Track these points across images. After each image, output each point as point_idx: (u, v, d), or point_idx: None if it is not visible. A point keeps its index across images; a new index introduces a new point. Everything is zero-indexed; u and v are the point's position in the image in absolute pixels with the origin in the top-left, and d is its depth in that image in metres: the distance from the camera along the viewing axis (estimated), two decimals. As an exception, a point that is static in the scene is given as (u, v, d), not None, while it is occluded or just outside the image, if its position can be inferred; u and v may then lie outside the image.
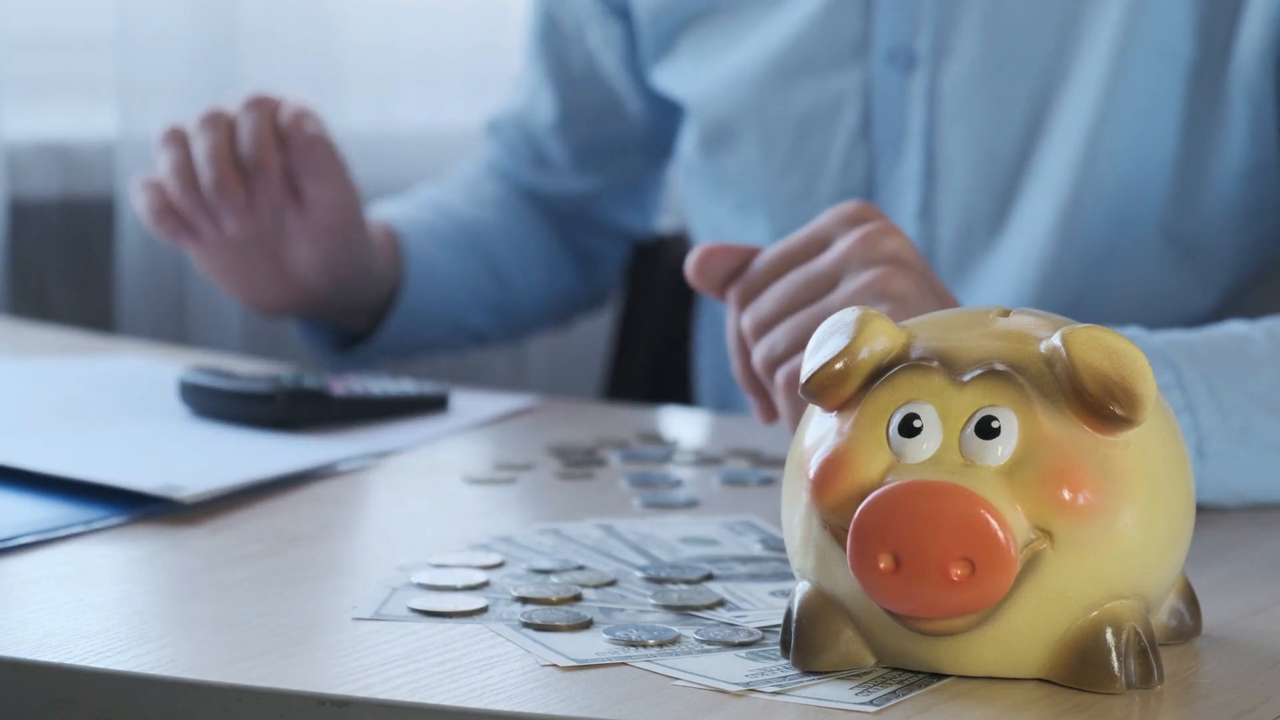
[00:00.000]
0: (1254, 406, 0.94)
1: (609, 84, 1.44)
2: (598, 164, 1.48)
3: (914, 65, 1.25)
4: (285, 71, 1.89)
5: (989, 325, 0.68)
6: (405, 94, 2.02)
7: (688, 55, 1.36)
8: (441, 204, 1.45)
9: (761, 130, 1.32)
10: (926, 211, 1.27)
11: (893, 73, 1.26)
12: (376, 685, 0.66)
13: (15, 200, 1.71)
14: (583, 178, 1.49)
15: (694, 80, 1.36)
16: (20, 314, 1.67)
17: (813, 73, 1.28)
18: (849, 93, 1.27)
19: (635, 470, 1.00)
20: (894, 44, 1.25)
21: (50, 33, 1.83)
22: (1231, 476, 0.93)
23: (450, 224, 1.43)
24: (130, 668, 0.67)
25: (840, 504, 0.66)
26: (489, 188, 1.49)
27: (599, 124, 1.46)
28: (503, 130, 1.50)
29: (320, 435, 1.06)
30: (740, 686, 0.66)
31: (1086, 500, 0.64)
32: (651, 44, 1.39)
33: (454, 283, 1.40)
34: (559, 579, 0.78)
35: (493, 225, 1.46)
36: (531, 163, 1.49)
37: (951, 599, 0.64)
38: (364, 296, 1.32)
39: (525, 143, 1.49)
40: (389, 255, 1.35)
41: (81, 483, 0.92)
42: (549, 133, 1.47)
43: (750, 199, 1.35)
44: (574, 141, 1.47)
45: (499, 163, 1.50)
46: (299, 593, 0.78)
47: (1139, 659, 0.65)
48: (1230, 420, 0.93)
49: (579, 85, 1.46)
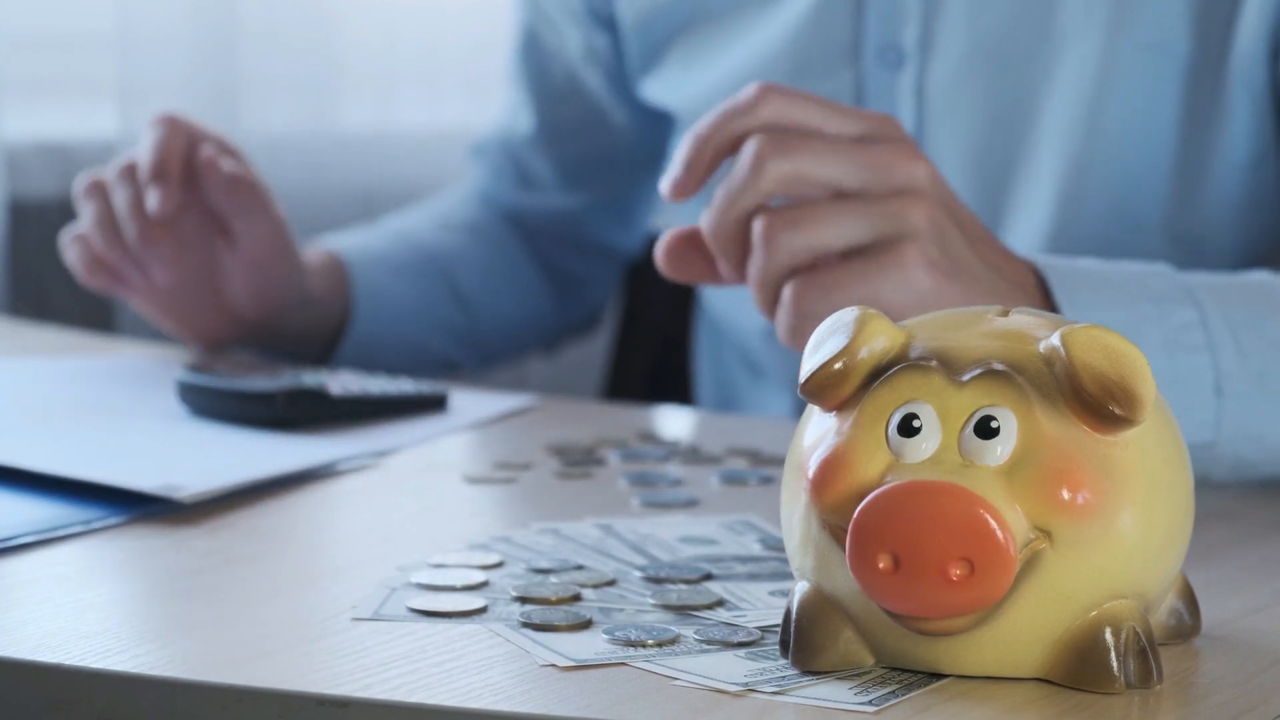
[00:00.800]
0: (1272, 351, 0.94)
1: (592, 98, 1.44)
2: (583, 179, 1.48)
3: (902, 62, 1.25)
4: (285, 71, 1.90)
5: (988, 325, 0.68)
6: (405, 94, 2.03)
7: (676, 64, 1.36)
8: (401, 232, 1.45)
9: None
10: None
11: (882, 71, 1.26)
12: (376, 685, 0.66)
13: (15, 200, 1.71)
14: (568, 194, 1.48)
15: (684, 88, 1.36)
16: (20, 314, 1.67)
17: (805, 76, 1.28)
18: (842, 94, 1.27)
19: (634, 470, 1.00)
20: (882, 41, 1.26)
21: (50, 33, 1.83)
22: (1250, 419, 0.93)
23: (407, 251, 1.42)
24: (129, 668, 0.67)
25: (839, 504, 0.66)
26: (462, 213, 1.48)
27: (582, 138, 1.46)
28: (487, 152, 1.49)
29: (319, 435, 1.06)
30: (739, 686, 0.66)
31: (1086, 500, 0.64)
32: (639, 55, 1.38)
33: (409, 310, 1.40)
34: (558, 579, 0.78)
35: (456, 251, 1.45)
36: (516, 182, 1.48)
37: (950, 599, 0.64)
38: (304, 323, 1.32)
39: (509, 162, 1.48)
40: (330, 283, 1.35)
41: (80, 483, 0.92)
42: (531, 147, 1.47)
43: None
44: (558, 157, 1.47)
45: (484, 187, 1.50)
46: (298, 593, 0.78)
47: (1138, 659, 0.65)
48: (1249, 363, 0.93)
49: (561, 99, 1.45)
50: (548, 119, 1.46)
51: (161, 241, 1.22)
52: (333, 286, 1.35)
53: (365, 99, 1.98)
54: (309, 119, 1.94)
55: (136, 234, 1.21)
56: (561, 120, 1.46)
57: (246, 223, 1.25)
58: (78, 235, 1.25)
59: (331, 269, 1.35)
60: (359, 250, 1.39)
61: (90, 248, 1.24)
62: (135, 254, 1.23)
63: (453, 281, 1.43)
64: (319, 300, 1.33)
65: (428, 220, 1.47)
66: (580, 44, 1.42)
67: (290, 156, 1.90)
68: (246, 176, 1.25)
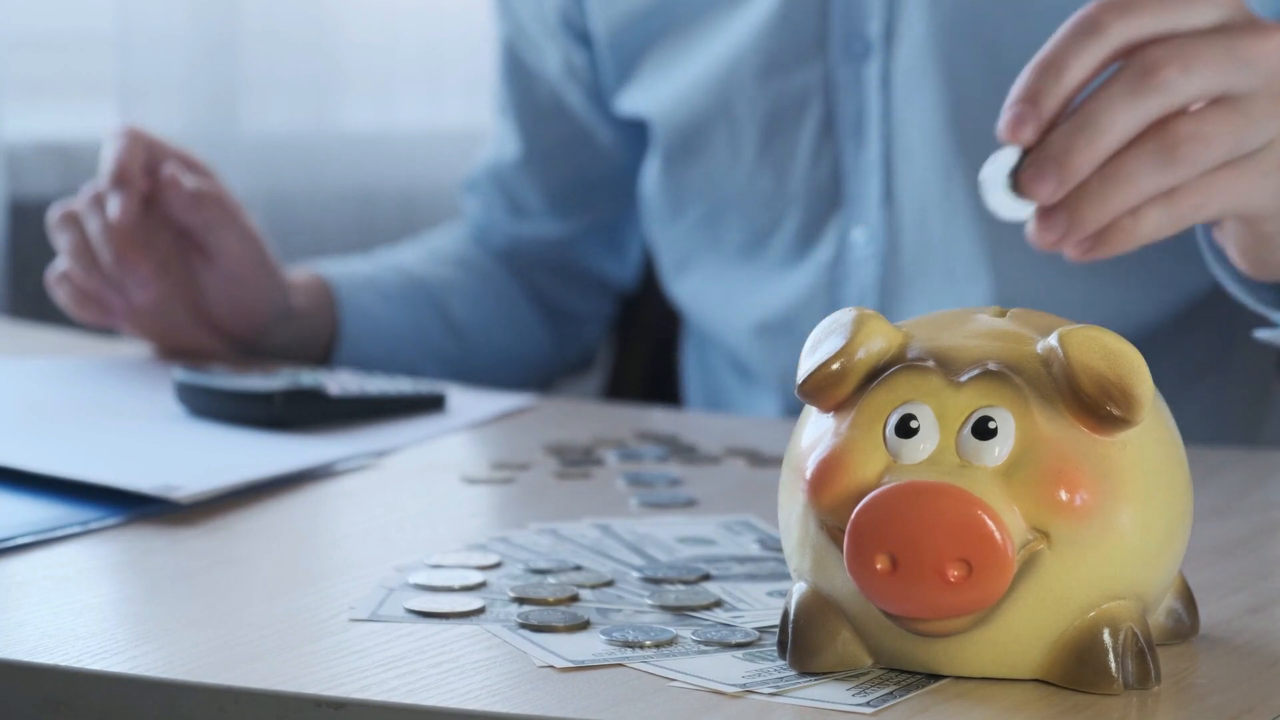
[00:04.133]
0: None
1: (577, 118, 1.44)
2: (572, 204, 1.47)
3: (868, 52, 1.25)
4: (285, 71, 1.90)
5: (986, 325, 0.68)
6: (405, 94, 2.03)
7: (650, 73, 1.36)
8: (391, 261, 1.45)
9: (729, 132, 1.32)
10: (888, 197, 1.27)
11: (849, 62, 1.26)
12: (373, 687, 0.65)
13: (15, 200, 1.71)
14: (559, 221, 1.47)
15: (658, 93, 1.35)
16: (20, 314, 1.67)
17: (776, 70, 1.28)
18: (812, 87, 1.28)
19: (632, 470, 1.00)
20: (848, 32, 1.26)
21: (50, 33, 1.83)
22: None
23: (396, 277, 1.42)
24: (127, 669, 0.67)
25: (837, 505, 0.66)
26: (453, 248, 1.48)
27: (570, 160, 1.46)
28: (479, 186, 1.49)
29: (317, 435, 1.06)
30: (737, 687, 0.66)
31: (1084, 501, 0.64)
32: (614, 69, 1.38)
33: (400, 334, 1.40)
34: (556, 579, 0.78)
35: (448, 281, 1.45)
36: (508, 211, 1.48)
37: (948, 600, 0.64)
38: (289, 338, 1.32)
39: (499, 192, 1.48)
40: (315, 300, 1.35)
41: (78, 483, 0.91)
42: (520, 173, 1.46)
43: (720, 205, 1.34)
44: (547, 182, 1.47)
45: (477, 221, 1.49)
46: (295, 593, 0.78)
47: (1136, 659, 0.65)
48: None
49: (546, 119, 1.45)
50: (534, 142, 1.46)
51: (138, 262, 1.23)
52: (317, 304, 1.35)
53: (365, 99, 1.98)
54: (309, 119, 1.94)
55: (111, 256, 1.22)
56: (547, 143, 1.46)
57: (218, 237, 1.25)
58: (61, 274, 1.26)
59: (316, 287, 1.35)
60: (345, 273, 1.39)
61: (74, 282, 1.25)
62: (113, 277, 1.24)
63: (443, 310, 1.43)
64: (303, 315, 1.33)
65: (418, 253, 1.47)
66: (560, 61, 1.42)
67: (290, 156, 1.91)
68: (212, 191, 1.25)
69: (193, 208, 1.24)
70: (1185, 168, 0.82)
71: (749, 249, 1.34)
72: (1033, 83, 0.83)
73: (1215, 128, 0.83)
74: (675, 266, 1.39)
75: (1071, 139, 0.82)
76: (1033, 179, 0.83)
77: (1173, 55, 0.82)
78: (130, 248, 1.22)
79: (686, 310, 1.42)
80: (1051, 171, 0.82)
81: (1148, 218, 0.84)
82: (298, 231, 1.88)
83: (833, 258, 1.29)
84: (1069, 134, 0.82)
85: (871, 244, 1.28)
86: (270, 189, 1.87)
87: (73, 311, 1.28)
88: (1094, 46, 0.83)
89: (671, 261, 1.39)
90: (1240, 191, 0.85)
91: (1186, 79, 0.82)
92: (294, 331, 1.32)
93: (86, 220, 1.24)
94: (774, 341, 1.33)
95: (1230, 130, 0.83)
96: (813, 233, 1.30)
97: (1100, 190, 0.83)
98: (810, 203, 1.30)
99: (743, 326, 1.35)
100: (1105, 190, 0.82)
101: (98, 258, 1.24)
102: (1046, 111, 0.83)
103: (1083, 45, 0.83)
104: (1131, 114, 0.82)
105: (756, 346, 1.35)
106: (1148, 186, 0.82)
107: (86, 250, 1.24)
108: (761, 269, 1.33)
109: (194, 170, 1.26)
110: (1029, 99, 0.83)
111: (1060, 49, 0.83)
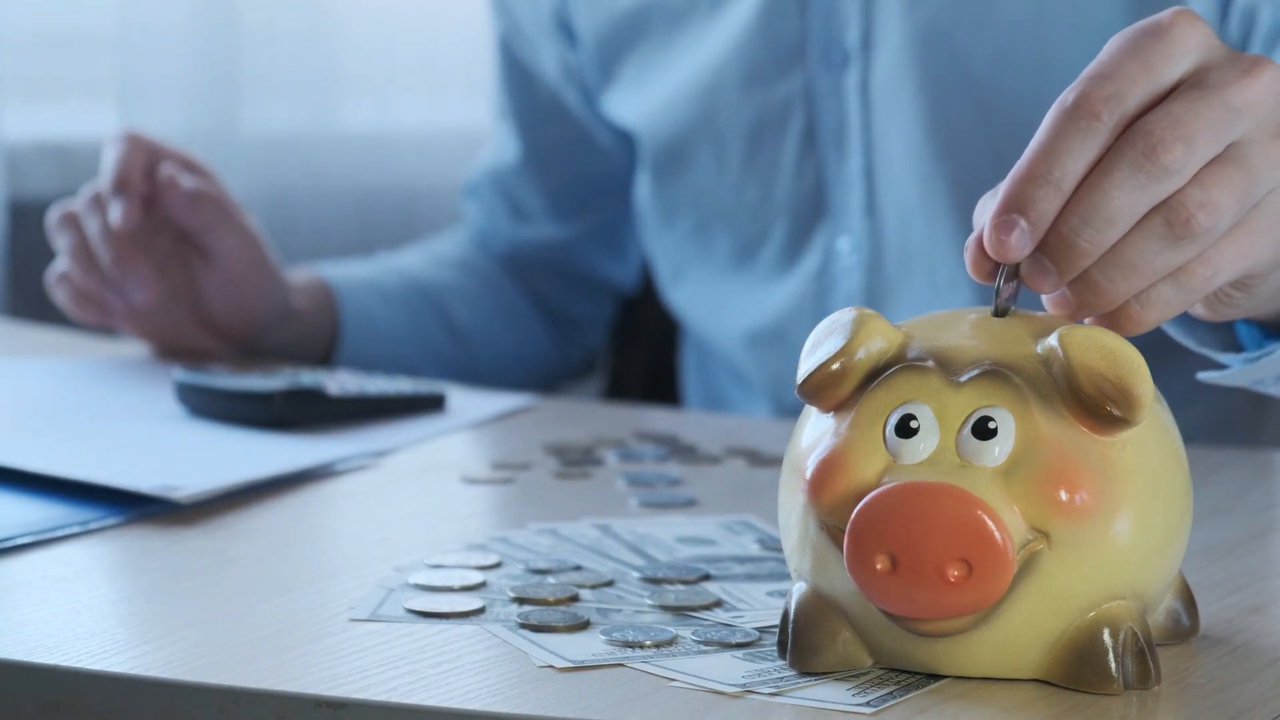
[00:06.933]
0: None
1: (575, 118, 1.44)
2: (574, 207, 1.47)
3: (847, 61, 1.25)
4: (285, 71, 1.90)
5: (986, 325, 0.68)
6: (405, 94, 2.03)
7: (631, 80, 1.36)
8: (392, 264, 1.45)
9: (714, 144, 1.32)
10: (870, 207, 1.27)
11: (828, 71, 1.26)
12: (373, 687, 0.65)
13: (15, 200, 1.71)
14: (560, 224, 1.47)
15: (641, 102, 1.36)
16: (20, 314, 1.67)
17: (758, 81, 1.28)
18: (794, 97, 1.28)
19: (632, 470, 1.00)
20: (826, 41, 1.26)
21: (50, 33, 1.83)
22: None
23: (397, 279, 1.42)
24: (127, 669, 0.67)
25: (837, 505, 0.66)
26: (454, 253, 1.48)
27: (571, 161, 1.46)
28: (479, 191, 1.49)
29: (317, 435, 1.06)
30: (737, 688, 0.66)
31: (1083, 501, 0.64)
32: (597, 71, 1.38)
33: (401, 336, 1.40)
34: (556, 579, 0.78)
35: (449, 285, 1.45)
36: (509, 215, 1.48)
37: (948, 600, 0.64)
38: (289, 339, 1.32)
39: (500, 196, 1.48)
40: (315, 301, 1.35)
41: (78, 483, 0.91)
42: (520, 176, 1.46)
43: (709, 217, 1.34)
44: (547, 184, 1.47)
45: (479, 225, 1.50)
46: (295, 594, 0.78)
47: (1136, 659, 0.65)
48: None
49: (545, 120, 1.45)
50: (534, 143, 1.46)
51: (137, 263, 1.23)
52: (317, 305, 1.35)
53: (365, 99, 1.98)
54: (309, 119, 1.94)
55: (111, 257, 1.22)
56: (547, 144, 1.46)
57: (216, 237, 1.26)
58: (60, 275, 1.26)
59: (316, 288, 1.35)
60: (346, 275, 1.39)
61: (73, 283, 1.26)
62: (112, 278, 1.24)
63: (445, 313, 1.43)
64: (302, 316, 1.33)
65: (419, 256, 1.47)
66: (556, 61, 1.42)
67: (290, 156, 1.91)
68: (210, 192, 1.25)
69: (191, 209, 1.24)
70: (1198, 243, 0.75)
71: (739, 259, 1.34)
72: (1025, 191, 0.71)
73: (1222, 192, 0.75)
74: (671, 276, 1.40)
75: (1077, 232, 0.73)
76: (1033, 272, 0.72)
77: (1174, 133, 0.74)
78: (129, 249, 1.23)
79: (683, 318, 1.42)
80: (1053, 266, 0.73)
81: (1157, 300, 0.75)
82: (298, 232, 1.88)
83: (819, 267, 1.30)
84: (1074, 228, 0.73)
85: (856, 253, 1.28)
86: (270, 189, 1.87)
87: (72, 312, 1.28)
88: (1091, 141, 0.73)
89: (667, 271, 1.40)
90: (1247, 252, 0.77)
91: (1190, 156, 0.74)
92: (294, 332, 1.32)
93: (86, 221, 1.24)
94: (765, 350, 1.33)
95: (1236, 192, 0.76)
96: (800, 243, 1.31)
97: (1106, 277, 0.74)
98: (796, 213, 1.30)
99: (735, 335, 1.35)
100: (1111, 277, 0.74)
101: (97, 259, 1.24)
102: (1043, 227, 0.72)
103: (1078, 143, 0.73)
104: (1139, 201, 0.74)
105: (748, 355, 1.35)
106: (1158, 267, 0.74)
107: (86, 251, 1.24)
108: (751, 279, 1.33)
109: (193, 171, 1.27)
110: (1021, 209, 0.72)
111: (1052, 146, 0.72)
